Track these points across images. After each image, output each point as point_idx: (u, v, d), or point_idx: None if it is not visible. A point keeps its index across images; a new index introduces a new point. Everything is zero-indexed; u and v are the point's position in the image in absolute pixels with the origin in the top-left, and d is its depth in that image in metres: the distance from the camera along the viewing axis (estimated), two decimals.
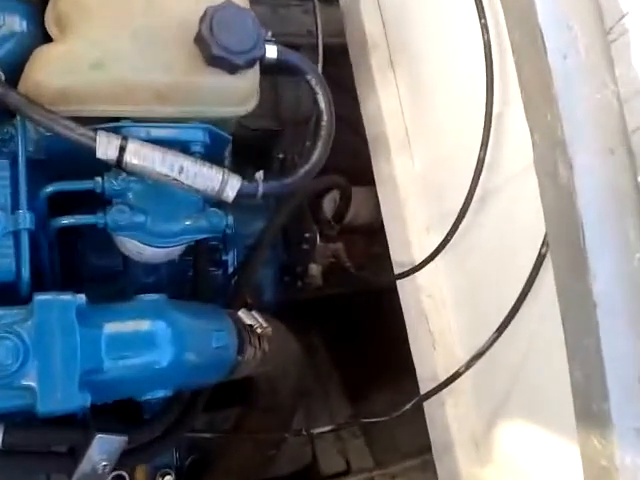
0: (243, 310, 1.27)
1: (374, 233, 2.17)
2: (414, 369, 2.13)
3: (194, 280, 1.50)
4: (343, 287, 2.01)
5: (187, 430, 1.33)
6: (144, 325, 1.08)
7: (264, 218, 1.71)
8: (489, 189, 1.26)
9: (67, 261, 1.41)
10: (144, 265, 1.34)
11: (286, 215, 1.55)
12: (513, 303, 1.15)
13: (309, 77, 1.16)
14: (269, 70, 1.20)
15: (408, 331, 1.55)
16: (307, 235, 1.70)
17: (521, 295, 1.14)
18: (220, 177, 1.06)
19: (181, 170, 1.04)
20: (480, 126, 1.26)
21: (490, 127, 1.20)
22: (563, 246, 0.91)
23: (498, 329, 1.18)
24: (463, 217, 1.25)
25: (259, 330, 1.25)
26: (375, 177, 1.64)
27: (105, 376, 1.03)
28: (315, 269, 1.72)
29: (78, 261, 1.41)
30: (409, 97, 1.57)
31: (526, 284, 1.13)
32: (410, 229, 1.54)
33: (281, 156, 1.85)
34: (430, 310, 1.49)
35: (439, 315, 1.49)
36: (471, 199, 1.24)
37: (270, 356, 1.31)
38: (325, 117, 1.17)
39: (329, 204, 1.99)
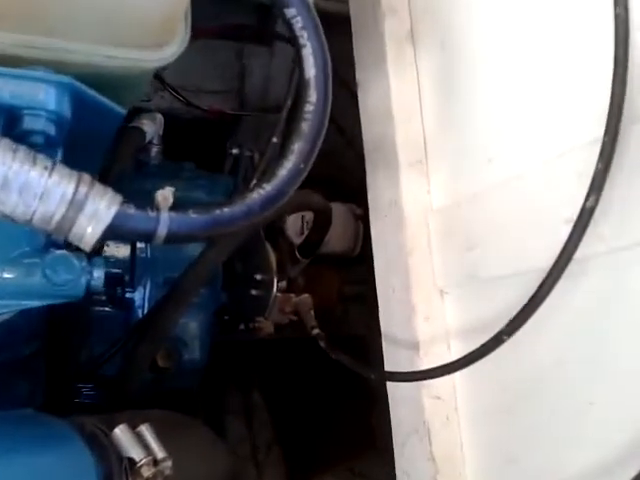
0: (123, 428, 0.66)
1: (347, 266, 1.60)
2: (381, 448, 1.57)
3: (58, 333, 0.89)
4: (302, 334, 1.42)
5: None
6: None
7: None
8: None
9: None
10: None
11: (230, 244, 0.94)
12: None
13: (290, 12, 0.56)
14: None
15: (394, 446, 0.97)
16: (259, 277, 1.09)
17: None
18: (69, 191, 0.46)
19: None
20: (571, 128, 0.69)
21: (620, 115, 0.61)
22: None
23: None
24: (540, 303, 0.67)
25: (147, 471, 0.65)
26: (369, 203, 1.05)
27: None
28: (265, 323, 1.13)
29: None
30: (434, 87, 0.99)
31: None
32: (415, 288, 0.95)
33: (235, 152, 1.25)
34: (435, 420, 0.91)
35: (449, 430, 0.91)
36: (565, 265, 0.64)
37: None
38: (313, 95, 0.57)
39: (294, 225, 1.39)
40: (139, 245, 1.05)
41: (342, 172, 1.60)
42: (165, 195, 0.49)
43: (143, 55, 0.53)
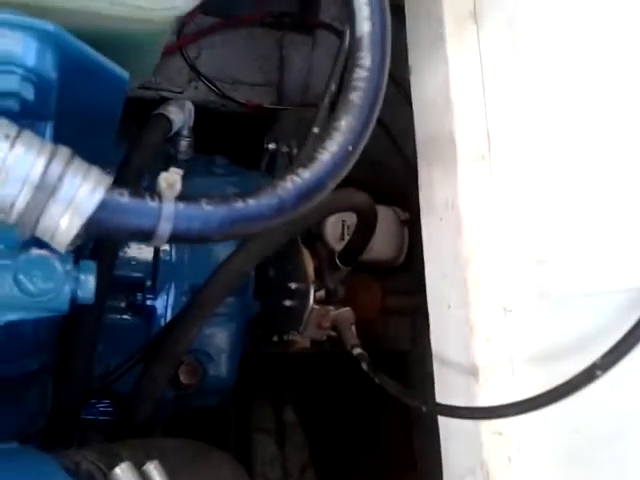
0: (125, 467, 0.54)
1: (390, 275, 1.46)
2: (424, 474, 1.42)
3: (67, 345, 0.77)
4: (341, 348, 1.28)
5: None
6: None
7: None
8: None
9: None
10: None
11: (263, 247, 0.82)
12: None
13: None
14: None
15: None
16: (294, 286, 0.96)
17: None
18: (37, 169, 0.33)
19: None
20: None
21: None
22: None
23: None
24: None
25: None
26: (421, 204, 0.92)
27: None
28: (300, 338, 1.00)
29: None
30: (499, 72, 0.85)
31: None
32: (474, 304, 0.81)
33: (272, 147, 1.13)
34: (494, 460, 0.77)
35: (511, 472, 0.77)
36: None
37: None
38: (367, 57, 0.44)
39: (334, 229, 1.26)
40: (163, 247, 0.93)
41: (386, 175, 1.47)
42: (171, 180, 0.37)
43: (150, 1, 0.41)
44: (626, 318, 0.60)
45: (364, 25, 0.43)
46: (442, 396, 0.84)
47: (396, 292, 1.44)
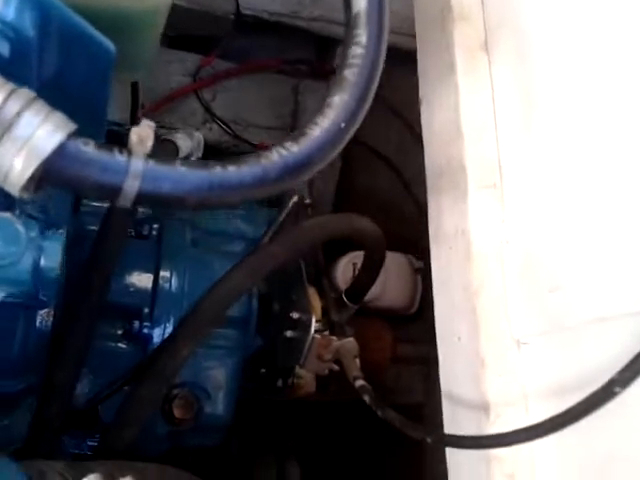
0: (93, 478, 0.49)
1: (403, 324, 1.41)
2: None
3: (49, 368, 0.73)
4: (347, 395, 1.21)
5: None
6: None
7: None
8: None
9: None
10: None
11: (262, 265, 0.78)
12: None
13: None
14: None
15: None
16: (295, 316, 0.92)
17: None
18: None
19: None
20: None
21: None
22: None
23: None
24: None
25: None
26: (430, 233, 0.88)
27: None
28: (305, 379, 0.94)
29: None
30: (511, 101, 0.83)
31: None
32: (485, 336, 0.76)
33: None
34: None
35: None
36: None
37: None
38: (363, 34, 0.41)
39: (345, 272, 1.23)
40: (162, 274, 0.90)
41: (399, 221, 1.44)
42: (142, 135, 0.34)
43: None
44: None
45: (360, 1, 0.41)
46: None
47: (408, 341, 1.38)
